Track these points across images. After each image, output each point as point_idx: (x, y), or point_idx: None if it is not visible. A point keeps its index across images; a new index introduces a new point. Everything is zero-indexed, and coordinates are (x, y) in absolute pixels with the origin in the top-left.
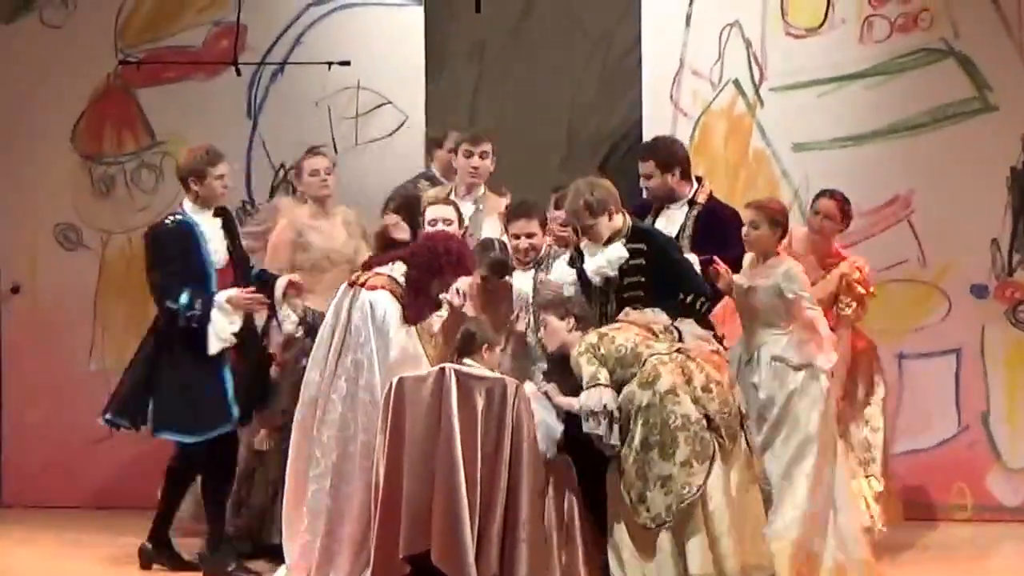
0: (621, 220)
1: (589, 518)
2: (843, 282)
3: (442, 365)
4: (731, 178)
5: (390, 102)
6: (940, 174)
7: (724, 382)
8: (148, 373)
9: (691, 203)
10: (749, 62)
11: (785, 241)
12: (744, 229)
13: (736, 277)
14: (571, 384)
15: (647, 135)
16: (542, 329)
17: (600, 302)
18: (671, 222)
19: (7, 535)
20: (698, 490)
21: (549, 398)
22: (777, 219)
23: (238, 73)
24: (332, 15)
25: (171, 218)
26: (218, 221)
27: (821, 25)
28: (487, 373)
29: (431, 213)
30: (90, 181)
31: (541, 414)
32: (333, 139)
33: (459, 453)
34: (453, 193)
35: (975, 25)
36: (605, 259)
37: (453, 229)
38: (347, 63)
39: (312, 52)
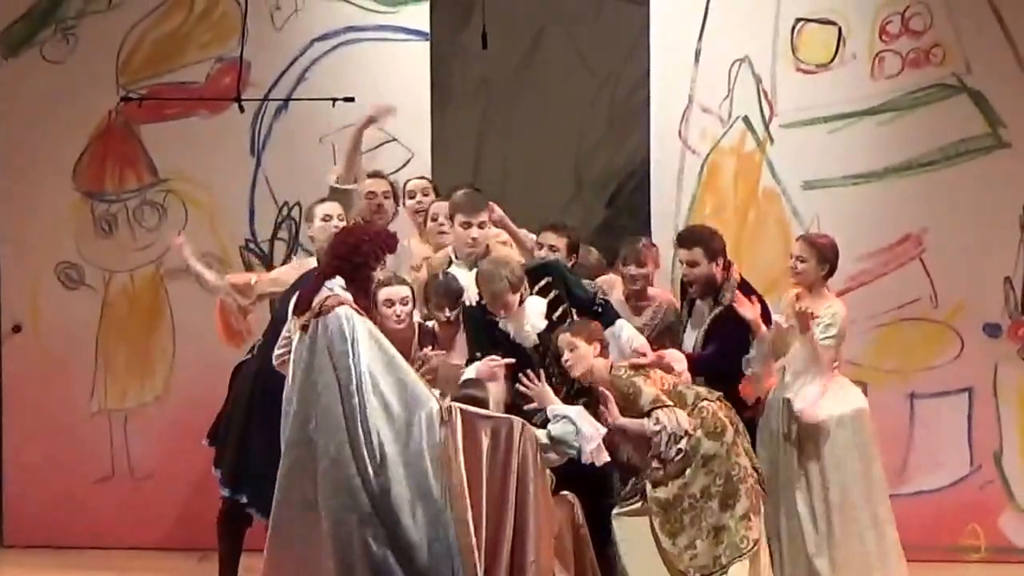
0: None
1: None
2: None
3: (448, 405)
4: (740, 216)
5: (395, 139)
6: (953, 212)
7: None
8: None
9: (716, 302)
10: (759, 98)
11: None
12: (791, 261)
13: (776, 317)
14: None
15: (655, 173)
16: (567, 353)
17: (540, 363)
18: (698, 316)
19: None
20: (755, 544)
21: (599, 419)
22: (826, 255)
23: (241, 110)
24: (337, 51)
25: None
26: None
27: (832, 61)
28: (492, 412)
29: (385, 294)
30: (92, 219)
31: (581, 424)
32: None
33: (466, 494)
34: (453, 258)
35: (988, 61)
36: (532, 318)
37: (408, 308)
38: (351, 99)
39: (316, 88)
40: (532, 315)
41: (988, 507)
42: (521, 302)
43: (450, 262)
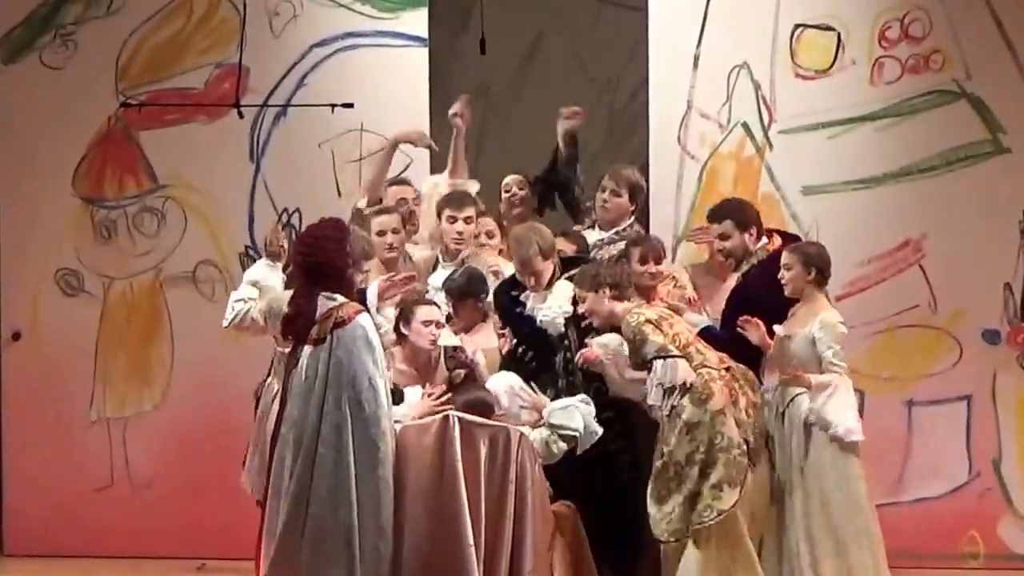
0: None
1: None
2: None
3: (445, 413)
4: None
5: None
6: (952, 218)
7: (759, 403)
8: None
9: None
10: (758, 104)
11: None
12: (780, 272)
13: (776, 326)
14: None
15: (654, 178)
16: (580, 305)
17: (562, 347)
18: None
19: None
20: (719, 515)
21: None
22: (809, 260)
23: (240, 116)
24: (335, 56)
25: None
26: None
27: (831, 67)
28: (490, 420)
29: (424, 314)
30: (92, 225)
31: (581, 415)
32: (336, 182)
33: (464, 503)
34: (440, 257)
35: (988, 66)
36: (560, 301)
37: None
38: (350, 105)
39: (315, 94)
40: (560, 298)
41: (987, 514)
42: (551, 283)
43: (436, 263)
